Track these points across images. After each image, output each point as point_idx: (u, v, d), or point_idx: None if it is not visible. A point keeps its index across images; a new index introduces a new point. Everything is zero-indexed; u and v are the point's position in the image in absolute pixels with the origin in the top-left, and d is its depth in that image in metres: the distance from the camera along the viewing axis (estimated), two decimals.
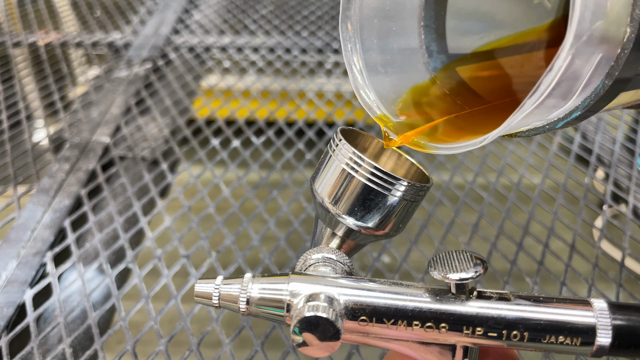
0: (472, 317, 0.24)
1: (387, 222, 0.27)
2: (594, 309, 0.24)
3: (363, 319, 0.25)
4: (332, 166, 0.27)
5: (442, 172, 0.59)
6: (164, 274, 0.46)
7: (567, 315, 0.24)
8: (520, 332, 0.24)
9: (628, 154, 0.60)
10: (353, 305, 0.25)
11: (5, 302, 0.43)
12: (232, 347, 0.41)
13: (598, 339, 0.23)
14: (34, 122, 0.68)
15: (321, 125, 0.66)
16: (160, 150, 0.61)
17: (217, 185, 0.57)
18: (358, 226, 0.27)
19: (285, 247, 0.50)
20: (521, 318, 0.24)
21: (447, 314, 0.24)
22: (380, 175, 0.26)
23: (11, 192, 0.55)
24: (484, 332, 0.24)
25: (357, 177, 0.26)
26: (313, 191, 0.28)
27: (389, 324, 0.24)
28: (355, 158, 0.26)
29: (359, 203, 0.26)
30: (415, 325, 0.24)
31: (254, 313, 0.26)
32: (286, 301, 0.25)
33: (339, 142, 0.27)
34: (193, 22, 0.88)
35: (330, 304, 0.24)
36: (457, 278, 0.24)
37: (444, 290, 0.25)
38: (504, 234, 0.50)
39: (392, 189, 0.26)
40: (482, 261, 0.24)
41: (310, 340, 0.24)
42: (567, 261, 0.47)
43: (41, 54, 0.81)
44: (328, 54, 0.79)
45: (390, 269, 0.47)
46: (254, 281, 0.26)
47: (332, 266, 0.27)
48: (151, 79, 0.73)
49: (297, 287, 0.25)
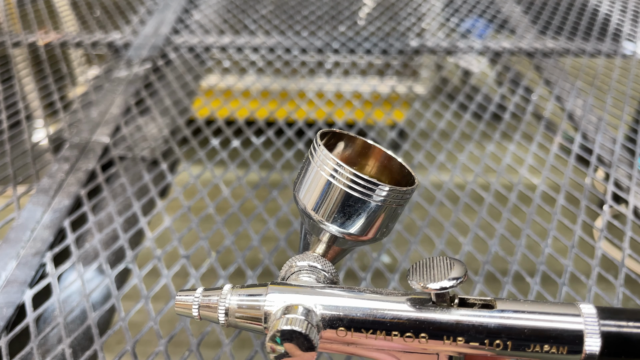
0: (452, 326, 0.23)
1: (371, 228, 0.27)
2: (582, 314, 0.23)
3: (342, 329, 0.24)
4: (312, 173, 0.27)
5: (442, 172, 0.59)
6: (164, 274, 0.46)
7: (553, 322, 0.23)
8: (503, 341, 0.23)
9: (628, 154, 0.60)
10: (331, 316, 0.24)
11: (5, 303, 0.43)
12: (231, 348, 0.41)
13: (586, 347, 0.22)
14: (34, 122, 0.68)
15: (321, 125, 0.66)
16: (160, 150, 0.61)
17: (217, 185, 0.57)
18: (341, 233, 0.27)
19: (285, 247, 0.50)
20: (504, 326, 0.23)
21: (427, 323, 0.23)
22: (360, 182, 0.25)
23: (11, 192, 0.55)
24: (466, 341, 0.23)
25: (337, 184, 0.25)
26: (295, 197, 0.28)
27: (368, 333, 0.24)
28: (334, 165, 0.25)
29: (341, 210, 0.26)
30: (394, 335, 0.24)
31: (233, 324, 0.26)
32: (264, 312, 0.25)
33: (317, 148, 0.26)
34: (193, 22, 0.88)
35: (306, 316, 0.24)
36: (437, 287, 0.23)
37: (425, 299, 0.24)
38: (504, 234, 0.50)
39: (373, 195, 0.25)
40: (463, 267, 0.23)
41: (289, 349, 0.23)
42: (567, 261, 0.47)
43: (41, 53, 0.81)
44: (328, 54, 0.79)
45: (391, 269, 0.47)
46: (232, 292, 0.26)
47: (315, 275, 0.27)
48: (151, 79, 0.73)
49: (275, 297, 0.25)
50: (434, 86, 0.74)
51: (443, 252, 0.49)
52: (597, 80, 0.72)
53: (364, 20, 0.90)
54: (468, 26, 0.89)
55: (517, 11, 0.92)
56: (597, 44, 0.80)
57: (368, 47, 0.80)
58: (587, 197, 0.54)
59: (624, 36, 0.82)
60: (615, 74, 0.73)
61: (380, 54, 0.79)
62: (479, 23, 0.89)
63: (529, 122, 0.65)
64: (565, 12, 0.91)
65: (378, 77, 0.79)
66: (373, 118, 0.68)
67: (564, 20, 0.88)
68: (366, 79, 0.78)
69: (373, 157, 0.30)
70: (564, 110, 0.67)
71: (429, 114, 0.67)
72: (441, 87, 0.73)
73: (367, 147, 0.30)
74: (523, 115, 0.66)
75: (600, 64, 0.76)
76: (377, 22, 0.88)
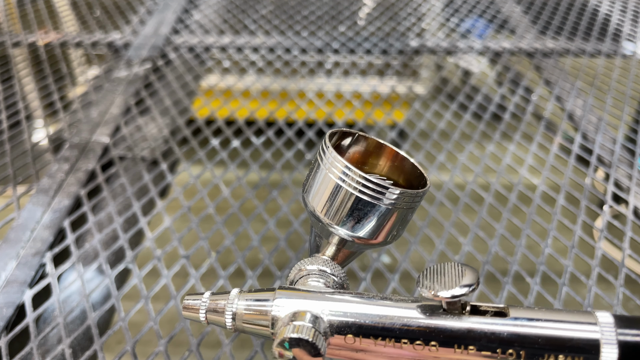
0: (463, 334, 0.23)
1: (381, 231, 0.26)
2: (598, 323, 0.22)
3: (350, 336, 0.24)
4: (320, 175, 0.26)
5: (442, 172, 0.59)
6: (164, 274, 0.46)
7: (569, 330, 0.22)
8: (516, 351, 0.22)
9: (628, 154, 0.60)
10: (339, 322, 0.24)
11: (5, 303, 0.43)
12: (231, 348, 0.41)
13: (603, 356, 0.21)
14: (34, 122, 0.68)
15: (321, 125, 0.66)
16: (160, 150, 0.61)
17: (217, 185, 0.57)
18: (351, 236, 0.26)
19: (285, 248, 0.50)
20: (517, 335, 0.22)
21: (437, 331, 0.23)
22: (370, 186, 0.25)
23: (11, 192, 0.55)
24: (477, 349, 0.23)
25: (346, 187, 0.25)
26: (304, 200, 0.28)
27: (377, 341, 0.23)
28: (343, 168, 0.25)
29: (350, 213, 0.25)
30: (404, 343, 0.23)
31: (240, 329, 0.26)
32: (271, 317, 0.25)
33: (326, 150, 0.26)
34: (193, 22, 0.88)
35: (314, 324, 0.23)
36: (448, 296, 0.22)
37: (435, 306, 0.24)
38: (504, 234, 0.50)
39: (383, 199, 0.25)
40: (475, 274, 0.23)
41: (297, 355, 0.23)
42: (567, 261, 0.47)
43: (41, 53, 0.81)
44: (328, 54, 0.79)
45: (391, 269, 0.47)
46: (240, 297, 0.25)
47: (324, 279, 0.27)
48: (151, 79, 0.73)
49: (283, 303, 0.25)
50: (434, 86, 0.74)
51: (443, 253, 0.49)
52: (597, 80, 0.72)
53: (364, 20, 0.90)
54: (468, 26, 0.89)
55: (517, 11, 0.92)
56: (597, 44, 0.80)
57: (368, 47, 0.80)
58: (587, 197, 0.54)
59: (624, 36, 0.82)
60: (615, 74, 0.73)
61: (380, 54, 0.79)
62: (478, 23, 0.89)
63: (529, 122, 0.65)
64: (565, 12, 0.91)
65: (378, 77, 0.79)
66: (373, 118, 0.68)
67: (564, 21, 0.88)
68: (366, 79, 0.78)
69: (384, 157, 0.29)
70: (564, 110, 0.67)
71: (429, 114, 0.67)
72: (441, 87, 0.73)
73: (378, 147, 0.29)
74: (523, 115, 0.66)
75: (600, 64, 0.76)
76: (377, 22, 0.88)
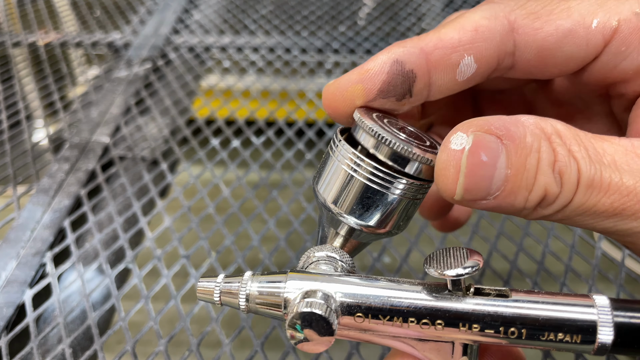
0: (467, 313, 0.24)
1: (388, 221, 0.27)
2: (595, 305, 0.23)
3: (359, 316, 0.25)
4: (332, 166, 0.27)
5: None
6: (164, 274, 0.46)
7: (567, 312, 0.23)
8: (517, 329, 0.23)
9: None
10: (349, 302, 0.25)
11: (5, 303, 0.43)
12: (232, 348, 0.41)
13: (599, 337, 0.23)
14: (34, 122, 0.68)
15: (321, 125, 0.66)
16: (160, 150, 0.61)
17: (217, 185, 0.57)
18: (359, 225, 0.27)
19: (285, 247, 0.50)
20: (519, 315, 0.23)
21: (443, 311, 0.24)
22: (380, 175, 0.26)
23: (11, 192, 0.55)
24: (481, 328, 0.24)
25: (357, 176, 0.26)
26: (315, 191, 0.29)
27: (385, 320, 0.24)
28: (354, 158, 0.26)
29: (359, 202, 0.27)
30: (411, 322, 0.24)
31: (253, 310, 0.26)
32: (283, 299, 0.25)
33: (338, 143, 0.27)
34: (193, 22, 0.88)
35: (326, 301, 0.24)
36: (453, 274, 0.23)
37: (440, 287, 0.25)
38: (504, 234, 0.50)
39: (392, 187, 0.26)
40: (479, 256, 0.24)
41: (307, 334, 0.24)
42: (567, 261, 0.47)
43: (41, 53, 0.81)
44: (328, 54, 0.79)
45: (391, 269, 0.47)
46: (253, 279, 0.27)
47: (333, 265, 0.28)
48: (151, 79, 0.73)
49: (295, 284, 0.26)
50: None
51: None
52: None
53: (364, 20, 0.90)
54: None
55: None
56: None
57: (368, 47, 0.80)
58: None
59: None
60: None
61: None
62: None
63: None
64: None
65: None
66: None
67: None
68: None
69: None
70: None
71: None
72: None
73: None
74: None
75: None
76: (377, 22, 0.88)
